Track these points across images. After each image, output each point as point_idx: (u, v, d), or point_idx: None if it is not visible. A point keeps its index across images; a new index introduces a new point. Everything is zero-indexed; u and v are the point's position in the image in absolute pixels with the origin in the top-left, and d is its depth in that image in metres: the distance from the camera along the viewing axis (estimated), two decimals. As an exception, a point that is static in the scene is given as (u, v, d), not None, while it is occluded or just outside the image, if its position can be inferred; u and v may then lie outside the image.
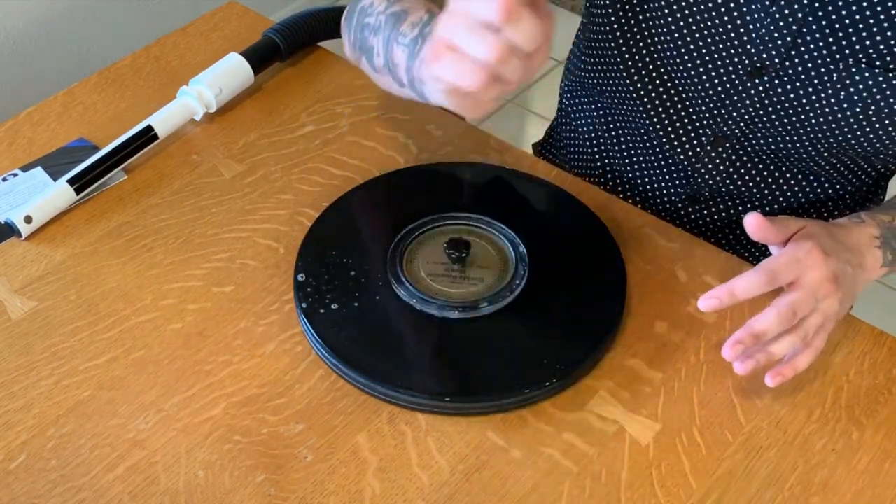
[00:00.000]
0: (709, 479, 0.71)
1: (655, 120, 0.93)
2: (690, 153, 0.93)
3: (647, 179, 0.99)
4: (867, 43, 0.76)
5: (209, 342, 0.79)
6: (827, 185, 0.93)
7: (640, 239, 0.88)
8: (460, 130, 0.99)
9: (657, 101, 0.91)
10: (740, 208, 0.96)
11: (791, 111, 0.84)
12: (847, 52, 0.77)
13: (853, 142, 0.83)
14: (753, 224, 0.70)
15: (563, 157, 1.11)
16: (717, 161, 0.92)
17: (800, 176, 0.92)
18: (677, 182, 0.97)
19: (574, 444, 0.73)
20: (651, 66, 0.89)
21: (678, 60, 0.86)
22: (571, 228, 0.88)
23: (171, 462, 0.71)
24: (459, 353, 0.78)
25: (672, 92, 0.90)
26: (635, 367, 0.78)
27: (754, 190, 0.94)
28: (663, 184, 0.98)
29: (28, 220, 0.86)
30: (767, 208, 0.96)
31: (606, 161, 1.03)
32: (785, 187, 0.93)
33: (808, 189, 0.94)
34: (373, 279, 0.81)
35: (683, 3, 0.82)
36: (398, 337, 0.78)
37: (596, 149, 1.04)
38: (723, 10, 0.81)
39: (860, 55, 0.77)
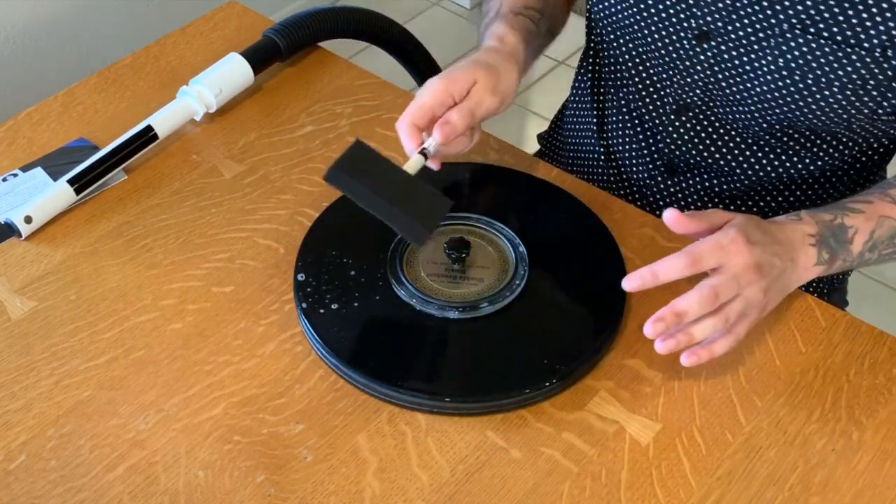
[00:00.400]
0: (709, 479, 0.71)
1: (630, 84, 0.97)
2: (657, 121, 0.96)
3: (631, 153, 1.02)
4: (799, 8, 0.79)
5: (209, 342, 0.79)
6: (796, 159, 0.94)
7: (640, 239, 0.88)
8: (460, 130, 0.99)
9: (623, 69, 0.96)
10: (715, 181, 0.98)
11: (738, 78, 0.87)
12: (781, 16, 0.80)
13: (798, 113, 0.85)
14: (670, 219, 0.72)
15: (564, 143, 1.14)
16: (682, 131, 0.95)
17: (767, 149, 0.94)
18: (655, 154, 0.99)
19: (574, 444, 0.73)
20: (613, 35, 0.94)
21: (635, 27, 0.91)
22: (571, 228, 0.88)
23: (171, 462, 0.71)
24: (459, 353, 0.78)
25: (636, 60, 0.94)
26: (635, 367, 0.78)
27: (722, 162, 0.96)
28: (644, 152, 1.00)
29: (28, 220, 0.86)
30: (746, 181, 0.97)
31: (603, 140, 1.05)
32: (754, 160, 0.95)
33: (777, 164, 0.95)
34: (373, 279, 0.81)
35: None
36: (398, 337, 0.78)
37: (593, 126, 1.06)
38: None
39: (794, 20, 0.80)
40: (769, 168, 0.95)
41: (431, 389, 0.74)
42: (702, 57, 0.88)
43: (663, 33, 0.89)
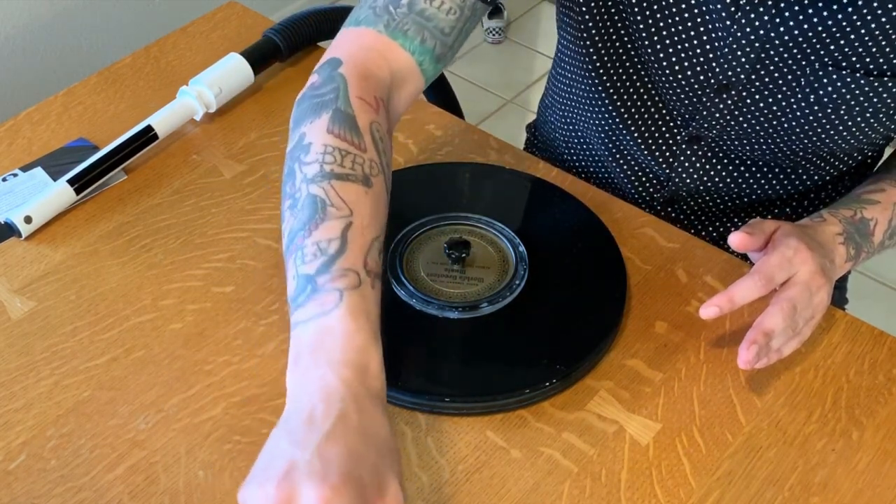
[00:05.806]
0: (709, 479, 0.71)
1: (630, 123, 0.93)
2: (668, 153, 0.94)
3: (624, 187, 1.00)
4: (832, 48, 0.77)
5: (209, 342, 0.79)
6: (805, 177, 0.94)
7: (640, 239, 0.88)
8: (460, 130, 0.99)
9: (633, 109, 0.92)
10: (717, 201, 0.97)
11: (762, 119, 0.85)
12: (812, 58, 0.78)
13: (826, 140, 0.84)
14: (738, 242, 0.73)
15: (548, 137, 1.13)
16: (693, 159, 0.93)
17: (777, 170, 0.93)
18: (655, 186, 0.97)
19: (574, 444, 0.73)
20: (627, 78, 0.90)
21: (654, 69, 0.87)
22: (571, 228, 0.88)
23: (171, 462, 0.71)
24: (459, 353, 0.78)
25: (649, 103, 0.91)
26: (635, 367, 0.78)
27: (732, 185, 0.95)
28: (640, 189, 0.99)
29: (28, 220, 0.86)
30: (745, 199, 0.96)
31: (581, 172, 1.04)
32: (763, 181, 0.94)
33: (786, 182, 0.94)
34: (373, 279, 0.81)
35: (658, 17, 0.83)
36: (398, 337, 0.78)
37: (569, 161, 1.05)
38: (690, 29, 0.82)
39: (826, 59, 0.78)
40: (778, 187, 0.94)
41: (431, 389, 0.74)
42: (721, 105, 0.86)
43: (681, 80, 0.86)
